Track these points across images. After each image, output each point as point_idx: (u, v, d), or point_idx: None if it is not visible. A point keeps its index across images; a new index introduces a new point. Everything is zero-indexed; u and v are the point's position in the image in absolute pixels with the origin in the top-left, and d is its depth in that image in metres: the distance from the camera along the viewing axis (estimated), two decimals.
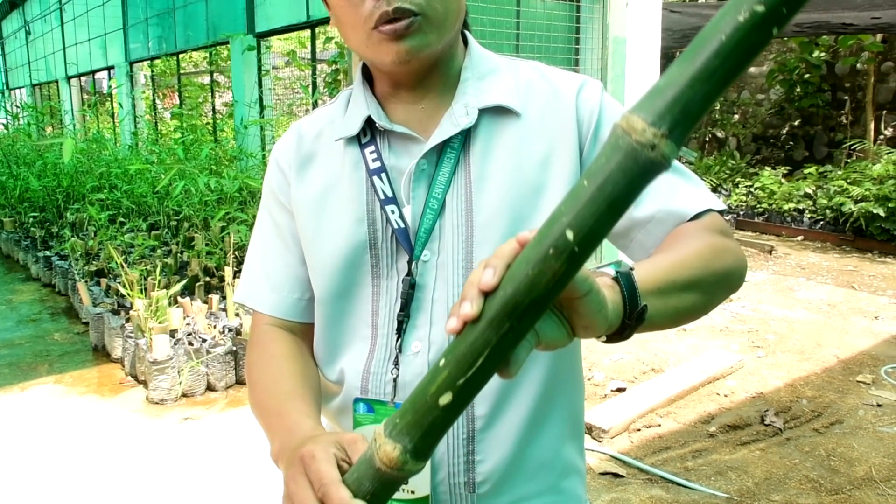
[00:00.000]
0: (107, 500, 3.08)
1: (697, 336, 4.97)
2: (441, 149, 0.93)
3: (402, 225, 0.93)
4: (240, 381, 4.26)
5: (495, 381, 0.92)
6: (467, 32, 1.01)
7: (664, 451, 3.43)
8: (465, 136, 0.94)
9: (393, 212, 0.94)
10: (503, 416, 0.93)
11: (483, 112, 0.94)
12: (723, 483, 3.14)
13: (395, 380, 0.94)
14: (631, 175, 0.51)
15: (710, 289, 0.84)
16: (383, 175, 0.94)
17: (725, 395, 4.04)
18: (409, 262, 0.93)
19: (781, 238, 8.55)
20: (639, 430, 3.62)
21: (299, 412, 0.89)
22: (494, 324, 0.54)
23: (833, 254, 7.74)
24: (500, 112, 0.95)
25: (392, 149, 0.96)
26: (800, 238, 8.49)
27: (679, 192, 0.94)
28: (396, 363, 0.94)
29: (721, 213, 0.95)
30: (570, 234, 0.52)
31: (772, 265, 7.27)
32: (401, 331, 0.94)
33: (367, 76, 1.01)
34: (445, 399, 0.56)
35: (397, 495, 0.93)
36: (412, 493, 0.93)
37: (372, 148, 0.96)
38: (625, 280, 0.69)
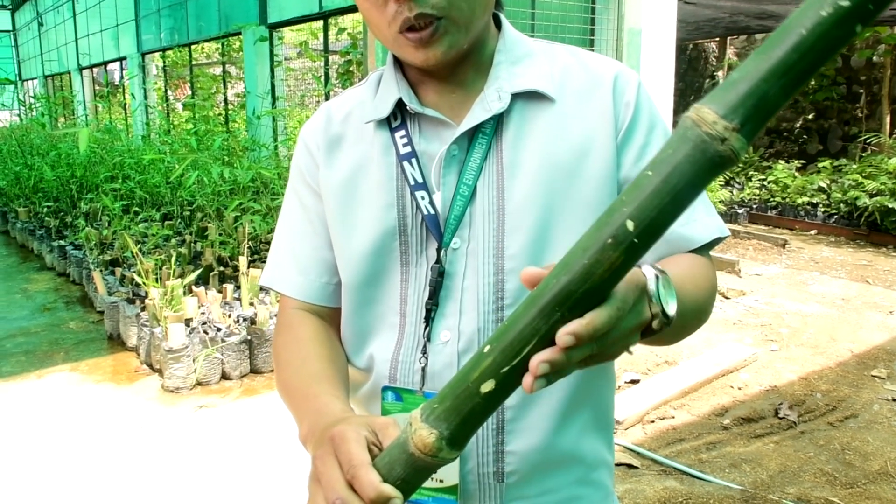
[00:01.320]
0: (124, 486, 3.11)
1: (711, 329, 4.95)
2: (472, 134, 0.91)
3: (432, 211, 0.92)
4: (254, 371, 4.28)
5: None
6: (501, 15, 0.99)
7: (678, 442, 3.43)
8: (498, 122, 0.92)
9: (423, 198, 0.92)
10: (533, 407, 0.92)
11: (516, 97, 0.92)
12: (737, 475, 3.13)
13: (423, 369, 0.92)
14: (698, 168, 0.49)
15: (695, 324, 0.90)
16: (414, 160, 0.93)
17: (739, 388, 4.03)
18: (438, 250, 0.92)
19: (795, 232, 8.51)
20: (652, 421, 3.62)
21: (328, 394, 0.87)
22: (545, 312, 0.53)
23: (847, 248, 7.70)
24: (533, 97, 0.93)
25: (423, 133, 0.94)
26: (813, 232, 8.44)
27: (695, 215, 0.94)
28: (425, 352, 0.92)
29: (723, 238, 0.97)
30: (630, 225, 0.51)
31: (785, 259, 7.23)
32: (429, 319, 0.92)
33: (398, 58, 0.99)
34: (488, 387, 0.55)
35: (426, 484, 0.93)
36: (441, 481, 0.92)
37: (403, 132, 0.94)
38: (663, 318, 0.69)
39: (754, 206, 9.23)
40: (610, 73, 0.95)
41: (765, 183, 9.40)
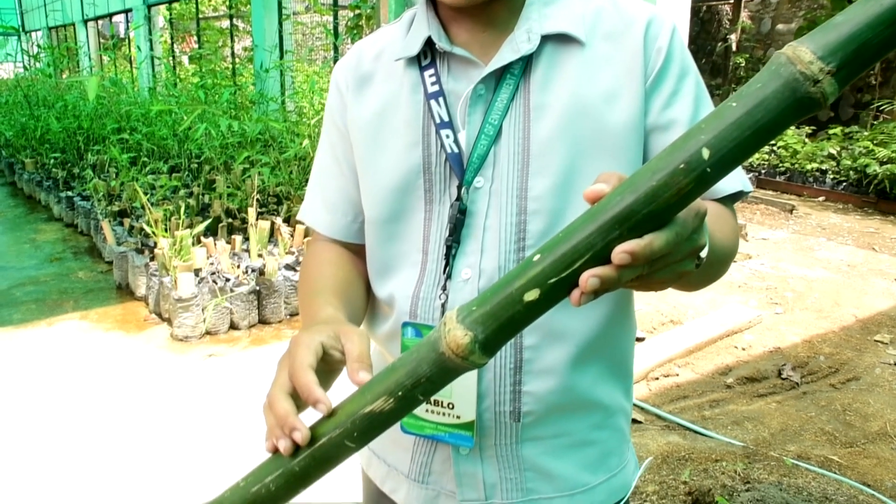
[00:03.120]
0: (134, 431, 3.16)
1: (716, 291, 4.97)
2: (501, 74, 0.91)
3: (456, 150, 0.92)
4: (263, 321, 4.32)
5: (547, 315, 0.91)
6: None
7: (682, 399, 3.47)
8: (527, 63, 0.91)
9: (448, 136, 0.92)
10: (552, 348, 0.92)
11: (546, 39, 0.91)
12: (739, 432, 3.18)
13: (443, 305, 0.93)
14: (784, 106, 0.49)
15: (718, 270, 0.89)
16: (441, 99, 0.93)
17: (743, 349, 4.06)
18: (459, 188, 0.92)
19: (803, 198, 8.48)
20: (657, 378, 3.66)
21: (323, 302, 0.92)
22: (603, 229, 0.53)
23: (854, 215, 7.67)
24: (563, 40, 0.92)
25: (451, 72, 0.94)
26: (821, 199, 8.41)
27: None
28: (445, 289, 0.93)
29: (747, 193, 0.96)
30: (705, 153, 0.50)
31: (792, 224, 7.22)
32: (449, 256, 0.93)
33: None
34: (532, 296, 0.54)
35: (442, 419, 0.94)
36: (458, 417, 0.93)
37: (431, 71, 0.94)
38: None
39: (763, 171, 9.18)
40: (643, 17, 0.93)
41: (774, 148, 9.34)
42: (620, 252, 0.53)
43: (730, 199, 0.95)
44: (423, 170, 0.94)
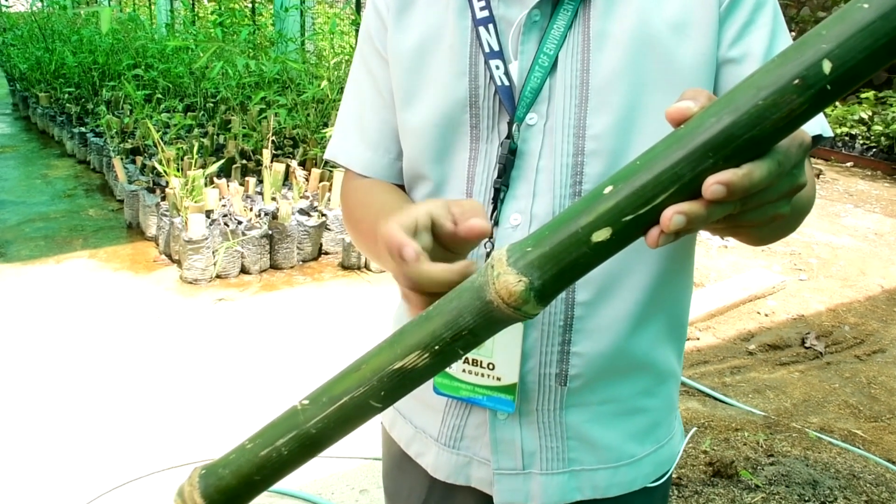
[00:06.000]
0: (141, 372, 3.11)
1: (738, 254, 4.85)
2: None
3: (507, 82, 0.83)
4: (274, 266, 4.24)
5: (602, 267, 0.82)
6: None
7: (702, 364, 3.39)
8: None
9: (498, 67, 0.83)
10: (606, 306, 0.84)
11: None
12: (760, 401, 3.09)
13: (488, 254, 0.86)
14: None
15: (793, 222, 0.83)
16: (490, 26, 0.84)
17: (766, 315, 3.96)
18: (510, 124, 0.83)
19: (830, 163, 8.27)
20: None
21: (400, 201, 0.87)
22: (693, 156, 0.43)
23: (883, 183, 7.47)
24: None
25: None
26: (849, 164, 8.19)
27: None
28: (491, 236, 0.85)
29: (826, 139, 0.85)
30: (826, 66, 0.40)
31: (818, 189, 7.04)
32: (497, 200, 0.84)
33: None
34: (601, 235, 0.45)
35: (482, 381, 0.86)
36: (498, 379, 0.86)
37: None
38: None
39: None
40: None
41: None
42: (714, 183, 0.43)
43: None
44: (469, 104, 0.85)
